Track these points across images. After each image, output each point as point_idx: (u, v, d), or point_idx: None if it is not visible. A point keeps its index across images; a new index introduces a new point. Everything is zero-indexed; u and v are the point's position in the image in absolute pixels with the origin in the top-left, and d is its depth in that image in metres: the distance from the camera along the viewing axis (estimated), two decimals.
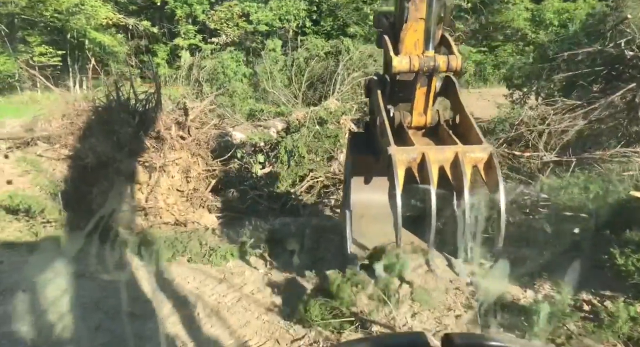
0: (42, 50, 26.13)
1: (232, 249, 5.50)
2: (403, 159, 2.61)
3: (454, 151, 2.62)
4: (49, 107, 8.15)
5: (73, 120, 6.38)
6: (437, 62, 2.90)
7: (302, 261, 5.12)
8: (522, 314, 3.81)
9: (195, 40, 32.34)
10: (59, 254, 5.36)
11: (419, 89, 3.12)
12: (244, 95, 11.25)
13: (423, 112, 3.25)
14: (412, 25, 3.01)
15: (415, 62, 2.91)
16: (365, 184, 4.23)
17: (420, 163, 2.61)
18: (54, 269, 4.80)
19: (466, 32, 35.65)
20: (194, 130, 6.67)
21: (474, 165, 2.61)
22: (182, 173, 6.40)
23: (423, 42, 3.00)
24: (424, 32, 2.98)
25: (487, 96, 25.96)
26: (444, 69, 2.93)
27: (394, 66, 2.91)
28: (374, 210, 4.02)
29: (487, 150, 2.61)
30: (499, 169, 2.53)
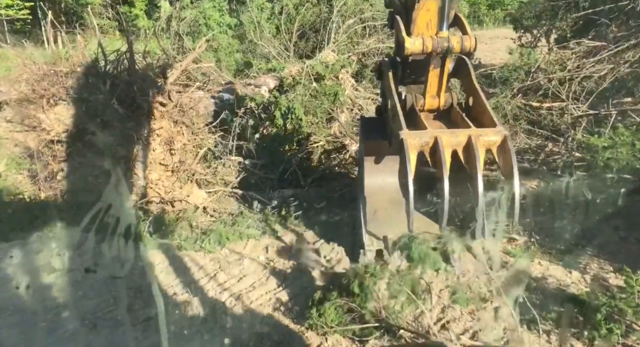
0: (7, 2, 24.13)
1: (227, 232, 4.85)
2: (415, 143, 2.54)
3: (467, 135, 2.55)
4: (16, 66, 7.25)
5: (33, 86, 5.48)
6: (451, 43, 2.78)
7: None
8: (574, 304, 3.26)
9: None
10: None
11: (432, 70, 3.00)
12: (230, 49, 10.21)
13: (436, 95, 3.13)
14: (424, 5, 2.89)
15: (428, 44, 2.79)
16: (379, 168, 4.13)
17: (433, 147, 2.54)
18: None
19: None
20: (175, 95, 5.82)
21: (488, 148, 2.56)
22: (164, 145, 5.62)
23: (437, 23, 2.87)
24: (437, 12, 2.86)
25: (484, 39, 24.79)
26: (458, 50, 2.82)
27: (407, 48, 2.80)
28: (388, 194, 3.99)
29: (501, 133, 2.55)
30: (514, 152, 2.45)
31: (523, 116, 6.91)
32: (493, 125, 2.69)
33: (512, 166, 2.45)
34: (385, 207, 4.03)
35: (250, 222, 5.11)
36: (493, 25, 31.47)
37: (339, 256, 4.33)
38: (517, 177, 2.40)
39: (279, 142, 7.14)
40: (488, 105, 2.87)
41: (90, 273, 4.39)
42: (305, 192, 6.07)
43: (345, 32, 10.48)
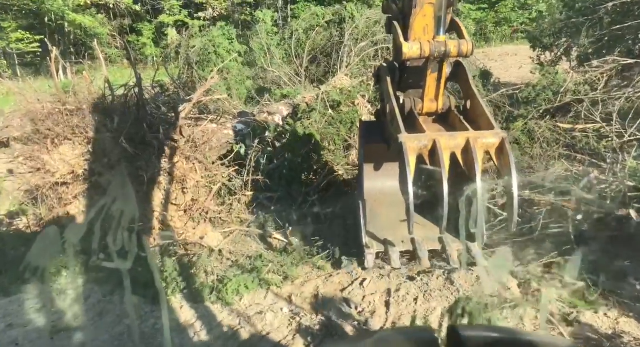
0: (18, 36, 24.44)
1: (245, 280, 4.43)
2: (414, 147, 2.56)
3: (466, 137, 2.56)
4: (26, 101, 7.04)
5: (37, 126, 5.18)
6: (448, 48, 2.80)
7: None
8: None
9: (181, 16, 30.52)
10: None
11: (429, 75, 3.02)
12: (240, 77, 9.97)
13: (434, 99, 3.15)
14: (421, 10, 2.89)
15: (425, 48, 2.81)
16: (379, 172, 4.14)
17: (432, 150, 2.55)
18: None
19: None
20: (187, 130, 5.49)
21: (486, 151, 2.57)
22: (176, 184, 5.26)
23: (433, 27, 2.89)
24: (433, 17, 2.88)
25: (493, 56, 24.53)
26: (455, 54, 2.82)
27: (404, 53, 2.81)
28: (388, 198, 4.01)
29: (499, 135, 2.57)
30: (512, 155, 2.47)
31: (554, 139, 6.49)
32: (491, 127, 2.69)
33: (510, 168, 2.44)
34: (385, 210, 4.02)
35: (271, 266, 4.68)
36: (500, 42, 31.37)
37: (372, 307, 3.89)
38: (515, 179, 2.39)
39: (295, 173, 6.78)
40: (486, 108, 2.87)
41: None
42: (328, 228, 5.65)
43: (357, 55, 10.22)
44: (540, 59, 10.26)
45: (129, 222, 3.09)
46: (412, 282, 4.10)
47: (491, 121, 2.77)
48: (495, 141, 2.60)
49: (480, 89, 8.36)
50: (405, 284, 4.08)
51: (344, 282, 4.39)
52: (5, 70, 24.35)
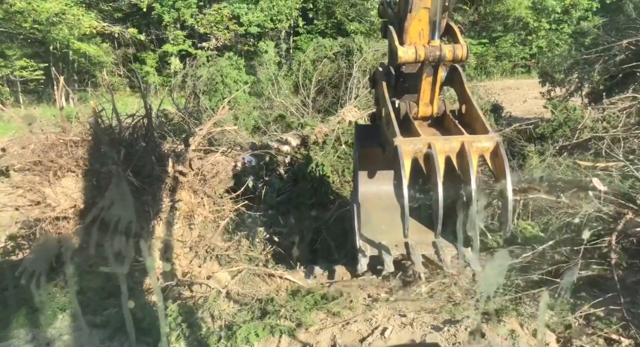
0: (22, 64, 24.56)
1: (256, 326, 4.10)
2: (409, 150, 2.54)
3: (460, 141, 2.55)
4: (24, 129, 6.85)
5: (39, 156, 4.95)
6: (443, 52, 2.79)
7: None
8: None
9: (185, 45, 30.89)
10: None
11: (425, 79, 3.01)
12: (248, 108, 9.86)
13: (429, 103, 3.15)
14: (416, 15, 2.88)
15: (421, 52, 2.79)
16: (373, 176, 4.11)
17: (427, 153, 2.54)
18: None
19: (464, 24, 34.42)
20: (196, 162, 5.26)
21: (481, 154, 2.55)
22: (183, 219, 4.99)
23: (428, 32, 2.87)
24: (428, 22, 2.86)
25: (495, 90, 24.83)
26: (450, 59, 2.81)
27: (400, 56, 2.80)
28: (382, 201, 3.95)
29: (494, 139, 2.56)
30: (506, 158, 2.43)
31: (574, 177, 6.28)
32: (485, 131, 2.68)
33: (505, 171, 2.43)
34: (379, 214, 3.96)
35: (283, 311, 4.35)
36: (501, 76, 31.79)
37: None
38: (510, 183, 2.39)
39: (304, 207, 6.53)
40: (480, 112, 2.87)
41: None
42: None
43: (366, 87, 10.14)
44: (550, 94, 10.19)
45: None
46: (438, 332, 3.79)
47: (486, 125, 2.77)
48: (490, 145, 2.59)
49: (493, 123, 8.21)
50: (430, 335, 3.77)
51: (363, 331, 4.06)
52: (7, 98, 24.34)
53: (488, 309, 3.70)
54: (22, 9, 22.70)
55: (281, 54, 27.74)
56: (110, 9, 31.24)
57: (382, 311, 4.15)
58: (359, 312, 4.27)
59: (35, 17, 23.40)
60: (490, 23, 35.32)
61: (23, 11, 22.88)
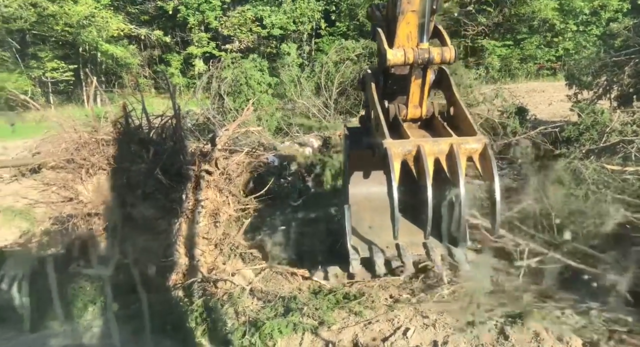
0: (54, 66, 25.34)
1: (279, 323, 4.17)
2: (398, 152, 2.57)
3: (449, 143, 2.59)
4: (58, 128, 7.11)
5: (73, 155, 5.13)
6: (431, 54, 2.85)
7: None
8: None
9: (209, 47, 31.35)
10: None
11: (413, 81, 3.06)
12: (271, 109, 9.98)
13: (418, 105, 3.19)
14: (404, 18, 2.91)
15: (409, 55, 2.85)
16: (364, 178, 4.16)
17: (416, 155, 2.58)
18: None
19: (488, 26, 33.98)
20: (222, 162, 5.37)
21: (469, 156, 2.59)
22: (209, 217, 5.10)
23: (417, 35, 2.92)
24: (416, 25, 2.90)
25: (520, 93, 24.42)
26: (439, 61, 2.87)
27: (389, 59, 2.85)
28: (373, 203, 4.04)
29: (482, 141, 2.59)
30: (494, 160, 2.47)
31: (602, 181, 6.17)
32: (473, 133, 2.72)
33: (492, 173, 2.47)
34: (370, 215, 4.04)
35: (306, 310, 4.42)
36: (525, 79, 31.22)
37: None
38: (497, 184, 2.43)
39: (325, 208, 6.58)
40: (468, 114, 2.91)
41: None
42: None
43: None
44: (577, 97, 10.01)
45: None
46: (461, 334, 3.79)
47: (473, 127, 2.80)
48: (478, 147, 2.63)
49: (517, 125, 8.12)
50: (453, 337, 3.77)
51: (385, 330, 4.08)
52: (38, 98, 25.10)
53: (512, 312, 3.69)
54: (55, 12, 23.43)
55: (303, 56, 27.88)
56: (137, 12, 31.95)
57: (404, 312, 4.17)
58: (380, 312, 4.29)
59: (67, 19, 24.10)
60: (515, 25, 34.71)
61: (55, 14, 23.61)
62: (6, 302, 4.47)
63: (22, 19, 23.15)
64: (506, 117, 8.82)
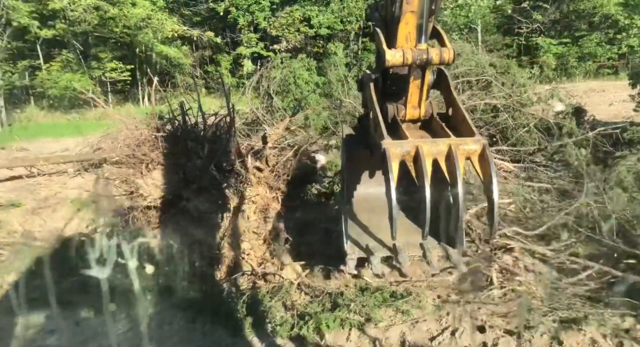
0: (112, 66, 26.71)
1: (327, 318, 4.25)
2: (397, 153, 2.54)
3: (448, 144, 2.57)
4: (117, 125, 7.55)
5: (134, 151, 5.42)
6: (430, 55, 2.79)
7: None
8: None
9: (257, 48, 31.98)
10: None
11: (412, 82, 2.99)
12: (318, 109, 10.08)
13: (417, 105, 3.12)
14: (403, 18, 2.79)
15: (408, 56, 2.79)
16: (361, 178, 3.90)
17: (414, 156, 2.55)
18: None
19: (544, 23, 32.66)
20: (272, 159, 5.51)
21: (468, 157, 2.56)
22: (259, 212, 5.25)
23: (415, 35, 2.81)
24: (415, 25, 2.80)
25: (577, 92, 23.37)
26: (437, 62, 2.80)
27: (387, 60, 2.81)
28: (371, 203, 3.79)
29: (480, 142, 2.56)
30: (493, 161, 2.46)
31: None
32: (472, 134, 2.68)
33: (491, 174, 2.46)
34: (367, 216, 3.76)
35: (353, 306, 4.47)
36: (584, 78, 29.74)
37: None
38: (496, 185, 2.38)
39: None
40: (467, 115, 2.83)
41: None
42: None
43: None
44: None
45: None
46: (512, 337, 3.73)
47: (472, 128, 2.71)
48: (477, 148, 2.54)
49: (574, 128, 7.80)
50: (504, 339, 3.71)
51: (433, 330, 4.08)
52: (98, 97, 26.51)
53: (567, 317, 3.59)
54: (115, 15, 24.70)
55: (350, 55, 27.89)
56: (190, 14, 33.07)
57: (453, 312, 4.14)
58: (428, 311, 4.29)
59: (125, 22, 25.33)
60: (573, 21, 33.20)
61: (115, 17, 24.88)
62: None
63: (85, 22, 24.55)
64: (562, 118, 8.50)
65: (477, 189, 6.58)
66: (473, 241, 5.26)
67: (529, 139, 8.05)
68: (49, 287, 4.74)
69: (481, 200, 6.01)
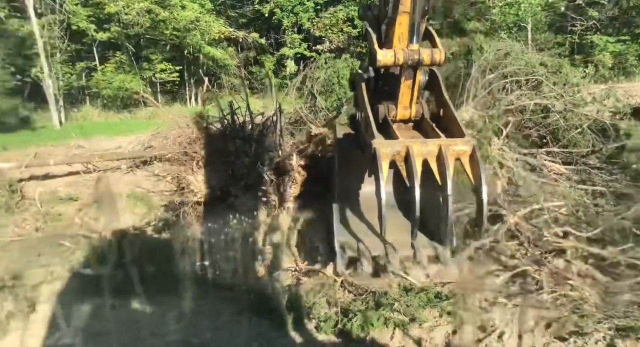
0: (162, 67, 27.68)
1: (371, 316, 4.27)
2: (387, 152, 2.59)
3: (438, 144, 2.61)
4: (166, 124, 7.85)
5: (185, 148, 5.63)
6: (421, 56, 2.85)
7: None
8: None
9: (301, 48, 32.28)
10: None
11: (403, 82, 3.04)
12: None
13: (408, 106, 3.18)
14: (396, 19, 2.87)
15: (399, 56, 2.84)
16: (353, 177, 4.12)
17: (405, 156, 2.58)
18: None
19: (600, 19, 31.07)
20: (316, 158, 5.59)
21: (457, 158, 2.60)
22: None
23: (407, 36, 2.89)
24: (408, 26, 2.87)
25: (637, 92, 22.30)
26: (428, 62, 2.86)
27: (379, 60, 2.86)
28: (361, 203, 4.03)
29: (470, 143, 2.62)
30: (482, 161, 2.52)
31: None
32: (462, 135, 2.73)
33: (480, 174, 2.49)
34: (358, 215, 4.03)
35: (397, 305, 4.47)
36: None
37: None
38: (485, 185, 2.44)
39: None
40: (457, 116, 2.91)
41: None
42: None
43: (484, 88, 9.75)
44: None
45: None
46: (563, 343, 3.61)
47: (462, 129, 2.81)
48: (467, 149, 2.63)
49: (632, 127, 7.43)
50: (554, 345, 3.61)
51: (479, 332, 4.02)
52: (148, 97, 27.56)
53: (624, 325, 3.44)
54: (165, 17, 25.61)
55: None
56: (236, 16, 33.80)
57: (500, 315, 4.06)
58: (474, 313, 4.22)
59: (175, 24, 26.20)
60: (634, 17, 31.43)
61: (166, 19, 25.79)
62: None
63: (138, 25, 25.60)
64: (619, 119, 8.12)
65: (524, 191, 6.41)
66: (522, 244, 5.14)
67: (582, 140, 7.75)
68: (105, 277, 5.01)
69: (528, 202, 5.85)
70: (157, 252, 5.27)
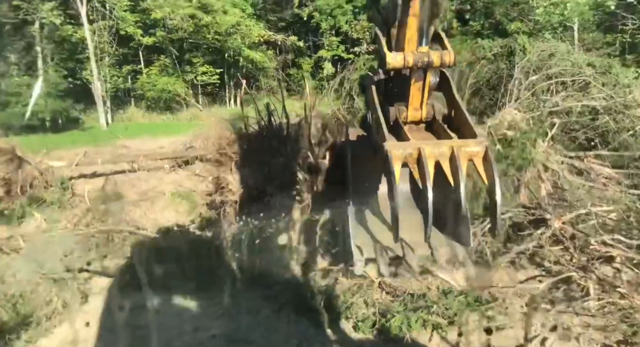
0: (204, 70, 28.44)
1: (409, 317, 4.24)
2: (399, 154, 2.62)
3: (450, 145, 2.63)
4: (207, 125, 8.07)
5: (225, 149, 5.78)
6: (431, 58, 2.87)
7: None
8: None
9: (338, 50, 32.38)
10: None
11: (413, 84, 3.08)
12: None
13: (418, 107, 3.21)
14: (405, 22, 2.88)
15: (409, 58, 2.88)
16: (367, 178, 4.01)
17: (417, 158, 2.62)
18: None
19: None
20: None
21: (470, 159, 2.61)
22: None
23: (416, 38, 2.92)
24: (417, 28, 2.90)
25: None
26: (438, 64, 2.87)
27: (389, 63, 2.89)
28: (377, 203, 3.93)
29: (483, 144, 2.61)
30: (495, 162, 2.50)
31: None
32: (474, 136, 2.71)
33: (493, 176, 2.49)
34: (374, 216, 3.93)
35: (435, 308, 4.41)
36: None
37: None
38: (498, 187, 2.44)
39: None
40: (469, 117, 2.89)
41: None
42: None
43: (527, 89, 9.48)
44: None
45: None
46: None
47: (474, 129, 2.76)
48: (480, 149, 2.61)
49: None
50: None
51: (520, 337, 3.92)
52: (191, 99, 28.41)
53: None
54: (208, 22, 26.33)
55: None
56: (275, 19, 34.28)
57: (542, 321, 3.95)
58: (515, 318, 4.12)
59: (217, 28, 26.87)
60: None
61: (208, 24, 26.50)
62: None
63: (182, 30, 26.42)
64: None
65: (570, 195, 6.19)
66: (567, 250, 4.97)
67: (633, 143, 7.41)
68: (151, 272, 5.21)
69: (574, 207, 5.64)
70: (199, 249, 5.43)
